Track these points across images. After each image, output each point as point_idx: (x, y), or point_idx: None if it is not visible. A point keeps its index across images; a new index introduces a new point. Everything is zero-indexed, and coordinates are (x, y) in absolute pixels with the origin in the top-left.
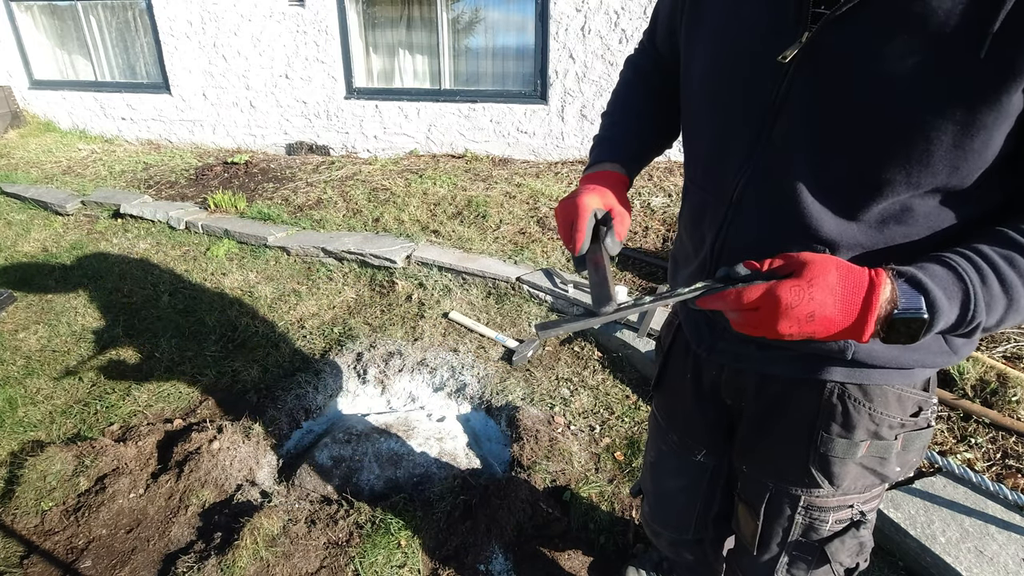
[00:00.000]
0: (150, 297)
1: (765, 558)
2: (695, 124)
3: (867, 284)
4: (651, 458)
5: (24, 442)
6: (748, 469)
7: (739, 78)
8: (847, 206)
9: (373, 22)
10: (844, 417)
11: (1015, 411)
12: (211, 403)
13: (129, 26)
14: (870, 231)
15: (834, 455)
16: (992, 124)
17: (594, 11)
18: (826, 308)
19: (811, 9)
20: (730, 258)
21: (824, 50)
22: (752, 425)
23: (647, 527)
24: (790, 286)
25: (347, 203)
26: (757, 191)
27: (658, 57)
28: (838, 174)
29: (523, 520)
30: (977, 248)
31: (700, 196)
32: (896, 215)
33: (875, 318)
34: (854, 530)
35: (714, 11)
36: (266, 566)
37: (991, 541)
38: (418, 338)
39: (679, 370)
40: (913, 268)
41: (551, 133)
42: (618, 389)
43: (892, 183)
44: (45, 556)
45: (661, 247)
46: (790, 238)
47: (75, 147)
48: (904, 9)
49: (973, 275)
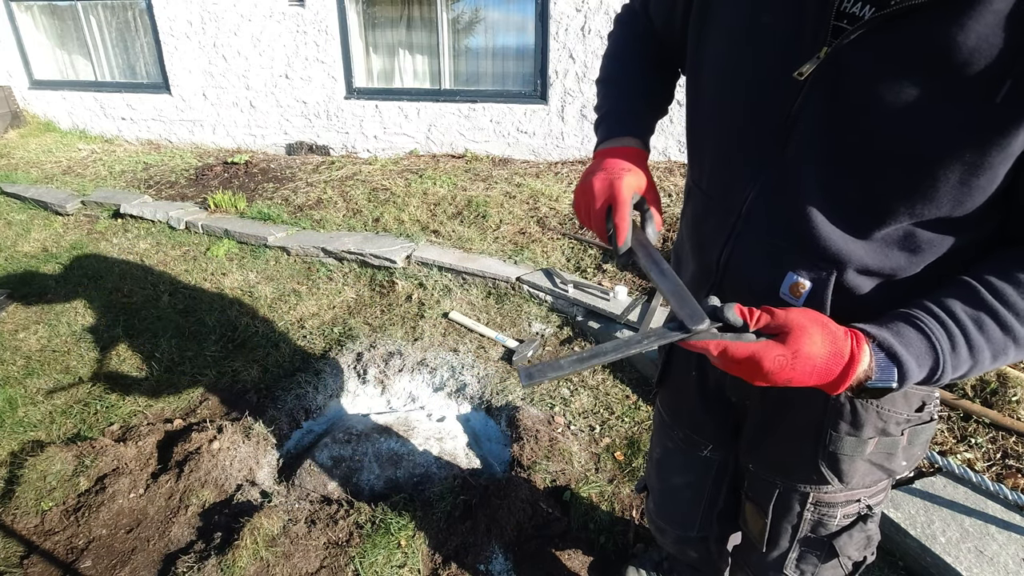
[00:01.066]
0: (150, 297)
1: (774, 555)
2: (703, 126)
3: (847, 358)
4: (656, 455)
5: (24, 442)
6: (755, 467)
7: (753, 89)
8: (853, 227)
9: (373, 22)
10: (853, 415)
11: (1015, 411)
12: (211, 403)
13: (129, 26)
14: (875, 253)
15: (843, 453)
16: (998, 164)
17: (594, 11)
18: (803, 376)
19: (831, 23)
20: (736, 271)
21: (841, 68)
22: (758, 423)
23: (651, 524)
24: (774, 355)
25: (347, 203)
26: (767, 205)
27: (649, 24)
28: (845, 196)
29: (523, 520)
30: (951, 310)
31: (705, 202)
32: (900, 240)
33: (847, 387)
34: (861, 524)
35: (725, 17)
36: (266, 566)
37: (991, 541)
38: (418, 338)
39: (683, 367)
40: (892, 338)
41: (551, 133)
42: (618, 389)
43: (894, 212)
44: (45, 556)
45: (661, 247)
46: (798, 254)
47: (75, 147)
48: (927, 40)
49: (945, 343)
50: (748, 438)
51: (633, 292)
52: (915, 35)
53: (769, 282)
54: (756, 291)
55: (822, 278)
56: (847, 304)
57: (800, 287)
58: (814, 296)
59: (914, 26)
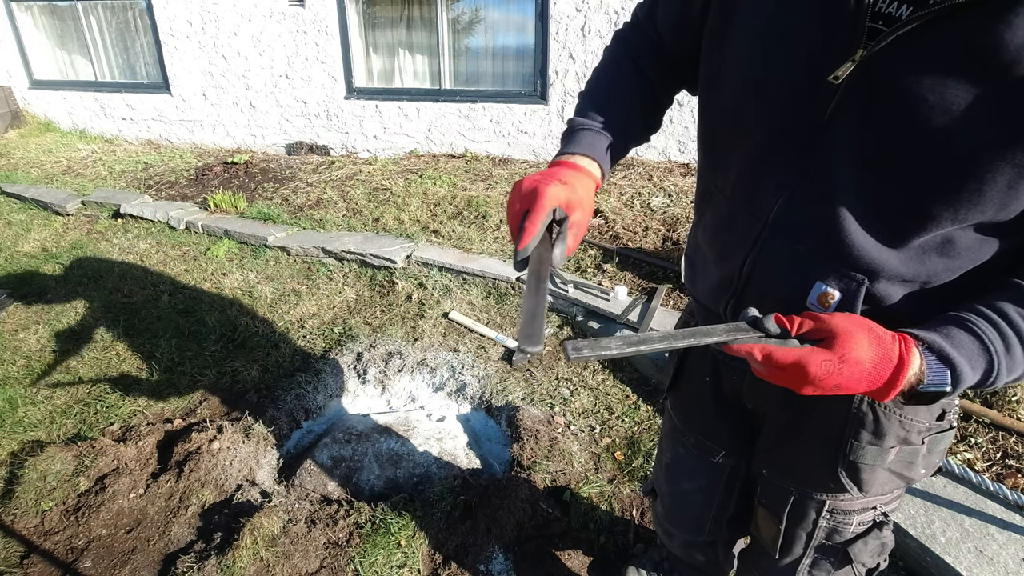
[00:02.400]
0: (150, 297)
1: (786, 561)
2: (725, 130)
3: (896, 361)
4: (666, 459)
5: (24, 442)
6: (769, 473)
7: (782, 93)
8: (890, 234)
9: (373, 22)
10: (875, 424)
11: (1015, 411)
12: (211, 403)
13: (129, 26)
14: (911, 261)
15: (864, 462)
16: None
17: (594, 11)
18: (852, 382)
19: (867, 23)
20: (760, 279)
21: (879, 71)
22: (776, 431)
23: (659, 527)
24: (821, 360)
25: (347, 203)
26: (796, 212)
27: (656, 38)
28: (884, 201)
29: (523, 520)
30: (1002, 310)
31: (728, 208)
32: (938, 247)
33: (899, 391)
34: (877, 531)
35: (751, 18)
36: (266, 566)
37: (991, 541)
38: (418, 338)
39: (697, 372)
40: (942, 340)
41: (551, 133)
42: (618, 389)
43: (937, 217)
44: (45, 556)
45: (661, 247)
46: (827, 263)
47: (75, 147)
48: (972, 39)
49: (998, 344)
50: (764, 445)
51: (633, 292)
52: (958, 34)
53: (796, 291)
54: (781, 300)
55: (852, 288)
56: (877, 314)
57: (829, 297)
58: (843, 306)
59: (956, 25)
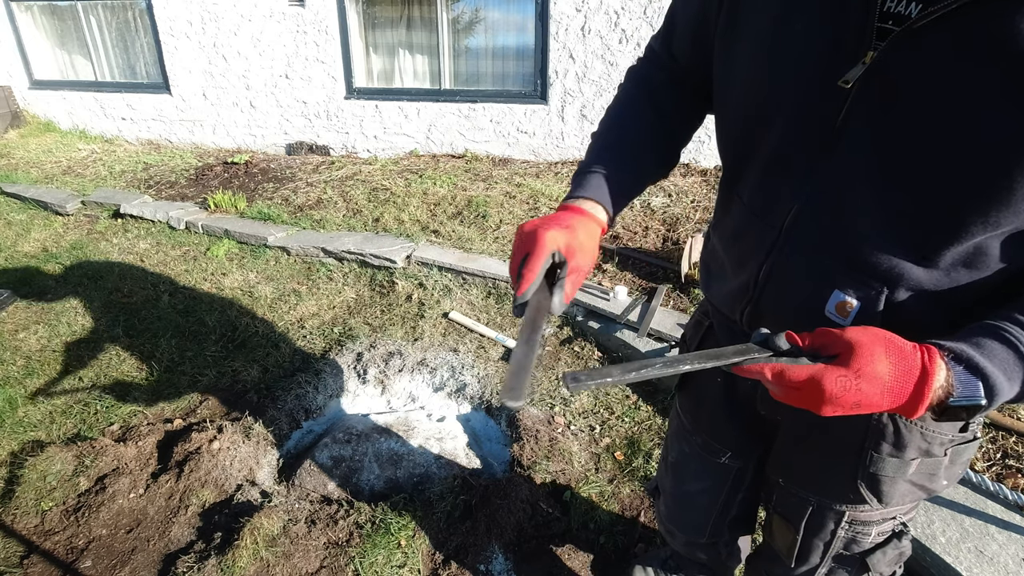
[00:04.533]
0: (150, 297)
1: (802, 570)
2: (741, 145)
3: (919, 373)
4: (672, 459)
5: (24, 442)
6: (785, 482)
7: (792, 100)
8: (911, 243)
9: (373, 22)
10: (896, 436)
11: (1015, 411)
12: (211, 403)
13: (129, 26)
14: (934, 272)
15: (884, 474)
16: None
17: (594, 11)
18: (873, 398)
19: (876, 24)
20: (776, 288)
21: (891, 72)
22: (792, 440)
23: (662, 526)
24: (836, 376)
25: (347, 203)
26: (812, 219)
27: (674, 68)
28: (902, 210)
29: (523, 520)
30: None
31: (746, 216)
32: (967, 258)
33: (926, 406)
34: (896, 541)
35: (757, 24)
36: (266, 566)
37: (991, 541)
38: (418, 338)
39: (709, 374)
40: (970, 349)
41: (551, 133)
42: (618, 389)
43: (966, 224)
44: (45, 556)
45: (661, 247)
46: (844, 271)
47: (75, 147)
48: (989, 33)
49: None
50: (780, 454)
51: (633, 292)
52: (972, 28)
53: (813, 300)
54: (798, 309)
55: (871, 296)
56: (898, 325)
57: (848, 306)
58: (863, 315)
59: (969, 19)
